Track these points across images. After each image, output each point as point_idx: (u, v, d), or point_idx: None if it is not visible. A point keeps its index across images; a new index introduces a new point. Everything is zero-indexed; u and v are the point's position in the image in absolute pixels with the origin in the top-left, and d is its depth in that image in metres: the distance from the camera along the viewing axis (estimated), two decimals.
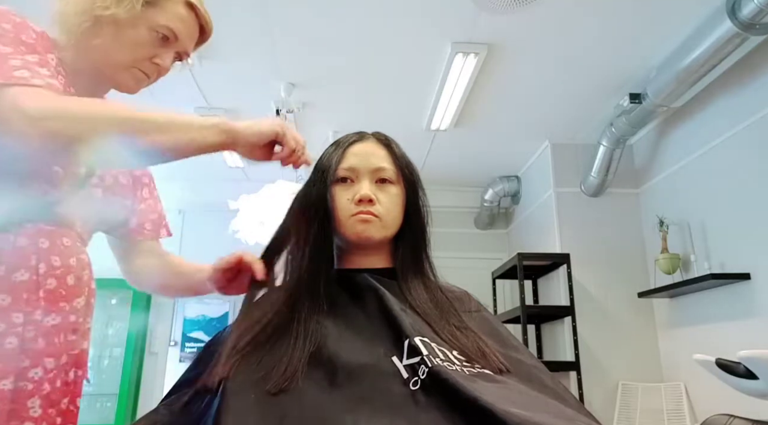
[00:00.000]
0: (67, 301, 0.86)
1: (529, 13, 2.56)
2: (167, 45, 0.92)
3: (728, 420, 1.23)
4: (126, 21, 0.87)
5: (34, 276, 0.81)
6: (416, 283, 0.86)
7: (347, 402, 0.64)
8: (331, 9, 2.58)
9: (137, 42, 0.89)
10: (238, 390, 0.66)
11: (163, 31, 0.90)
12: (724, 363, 1.95)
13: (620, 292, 3.61)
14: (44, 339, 0.81)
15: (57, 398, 0.83)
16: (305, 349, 0.72)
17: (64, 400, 0.85)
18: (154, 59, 0.91)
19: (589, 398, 3.36)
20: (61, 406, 0.84)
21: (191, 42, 0.96)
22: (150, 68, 0.92)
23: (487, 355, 0.73)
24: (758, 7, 2.20)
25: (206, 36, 0.99)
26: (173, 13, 0.90)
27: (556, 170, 3.92)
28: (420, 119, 3.65)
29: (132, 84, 0.93)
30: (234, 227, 2.90)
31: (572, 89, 3.28)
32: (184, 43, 0.94)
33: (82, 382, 0.91)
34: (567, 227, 3.79)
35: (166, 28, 0.90)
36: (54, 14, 0.89)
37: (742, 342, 2.66)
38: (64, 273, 0.86)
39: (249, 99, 3.41)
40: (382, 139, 0.94)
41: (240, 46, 2.82)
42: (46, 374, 0.81)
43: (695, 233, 3.13)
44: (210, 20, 0.97)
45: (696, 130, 3.18)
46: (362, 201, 0.85)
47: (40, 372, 0.80)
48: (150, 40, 0.90)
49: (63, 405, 0.85)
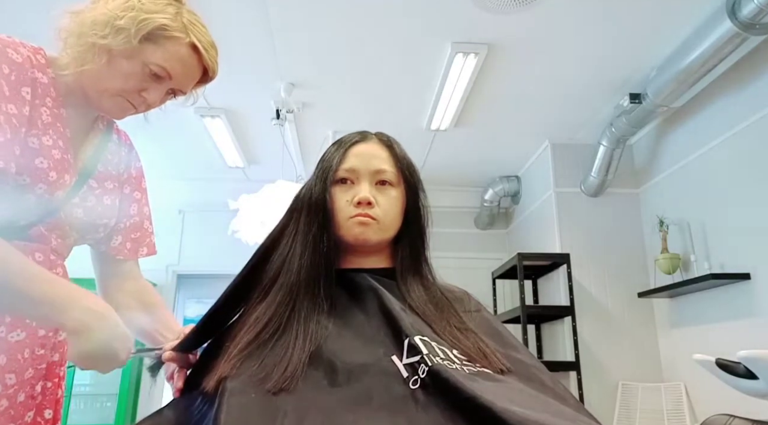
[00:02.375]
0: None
1: (529, 13, 2.56)
2: (159, 82, 0.91)
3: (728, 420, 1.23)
4: (121, 52, 0.87)
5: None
6: (415, 284, 0.86)
7: (347, 401, 0.64)
8: (332, 9, 2.58)
9: (128, 73, 0.88)
10: (238, 389, 0.66)
11: (156, 70, 0.89)
12: (724, 363, 1.95)
13: (620, 292, 3.61)
14: (5, 355, 0.81)
15: (19, 412, 0.83)
16: (305, 349, 0.72)
17: (28, 413, 0.84)
18: (142, 92, 0.91)
19: (589, 398, 3.36)
20: (26, 419, 0.84)
21: (189, 82, 0.95)
22: (137, 100, 0.92)
23: (488, 355, 0.73)
24: (758, 7, 2.21)
25: (209, 79, 0.98)
26: (172, 52, 0.89)
27: (556, 170, 3.92)
28: (420, 119, 3.65)
29: (116, 112, 0.93)
30: (234, 227, 2.91)
31: (572, 89, 3.28)
32: (179, 83, 0.93)
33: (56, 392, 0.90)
34: (567, 227, 3.79)
35: (159, 66, 0.89)
36: (58, 31, 0.89)
37: (742, 342, 2.66)
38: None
39: (249, 99, 3.41)
40: (384, 140, 0.94)
41: (240, 46, 2.82)
42: (5, 389, 0.81)
43: (695, 233, 3.13)
44: (214, 64, 0.96)
45: (696, 130, 3.18)
46: (361, 204, 0.85)
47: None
48: (141, 74, 0.89)
49: (28, 418, 0.84)
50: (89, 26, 0.86)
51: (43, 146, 0.85)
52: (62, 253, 0.94)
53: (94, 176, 0.96)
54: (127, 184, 1.06)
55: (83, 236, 0.97)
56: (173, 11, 0.90)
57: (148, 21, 0.86)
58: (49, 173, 0.85)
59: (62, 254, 0.94)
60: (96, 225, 0.97)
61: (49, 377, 0.89)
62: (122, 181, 1.04)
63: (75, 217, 0.92)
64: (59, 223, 0.90)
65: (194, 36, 0.91)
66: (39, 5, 0.89)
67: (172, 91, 0.96)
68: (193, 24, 0.92)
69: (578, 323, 3.45)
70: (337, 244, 0.87)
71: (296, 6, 2.56)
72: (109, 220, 1.00)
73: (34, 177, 0.83)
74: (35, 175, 0.83)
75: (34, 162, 0.83)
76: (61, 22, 0.88)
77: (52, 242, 0.90)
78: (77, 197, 0.92)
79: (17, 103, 0.80)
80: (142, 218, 1.08)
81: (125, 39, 0.85)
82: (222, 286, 0.88)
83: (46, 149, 0.85)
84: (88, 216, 0.94)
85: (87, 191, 0.94)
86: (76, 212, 0.92)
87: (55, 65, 0.89)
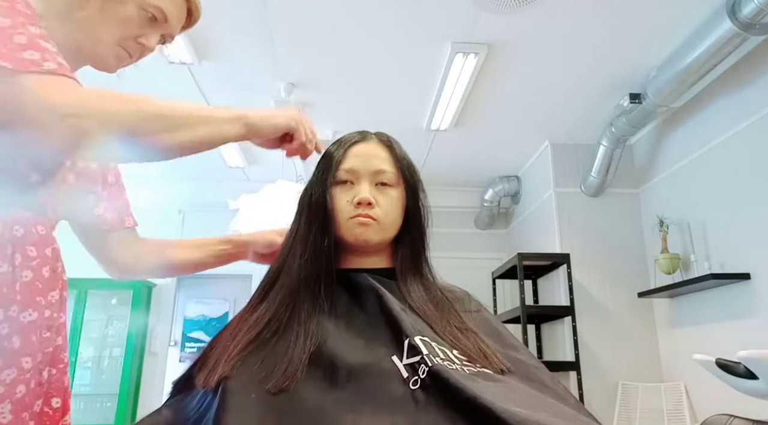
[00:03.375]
0: (42, 295, 0.79)
1: (529, 13, 2.56)
2: (155, 25, 0.88)
3: (728, 420, 1.23)
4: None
5: (11, 268, 0.75)
6: (415, 284, 0.86)
7: (347, 401, 0.65)
8: (331, 9, 2.58)
9: (125, 19, 0.84)
10: (238, 389, 0.66)
11: (153, 11, 0.86)
12: (724, 363, 1.95)
13: (620, 292, 3.61)
14: (20, 337, 0.74)
15: (30, 400, 0.77)
16: (306, 349, 0.72)
17: (37, 402, 0.79)
18: (139, 39, 0.87)
19: (589, 398, 3.36)
20: (35, 409, 0.78)
21: (178, 25, 0.92)
22: (134, 47, 0.88)
23: (488, 355, 0.73)
24: (758, 7, 2.21)
25: (193, 20, 0.95)
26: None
27: (556, 170, 3.92)
28: (420, 119, 3.65)
29: (113, 62, 0.88)
30: (234, 227, 2.90)
31: (572, 89, 3.28)
32: (172, 26, 0.90)
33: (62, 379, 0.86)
34: (567, 227, 3.80)
35: (157, 8, 0.86)
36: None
37: (742, 342, 2.66)
38: (39, 265, 0.79)
39: (249, 99, 3.41)
40: (384, 140, 0.94)
41: (240, 46, 2.82)
42: (23, 374, 0.74)
43: (695, 233, 3.13)
44: (200, 4, 0.94)
45: (696, 130, 3.18)
46: (361, 204, 0.85)
47: (14, 373, 0.73)
48: (138, 19, 0.85)
49: (36, 407, 0.79)
50: None
51: None
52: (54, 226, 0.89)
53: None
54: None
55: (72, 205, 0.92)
56: None
57: None
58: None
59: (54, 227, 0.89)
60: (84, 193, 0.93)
61: (54, 363, 0.84)
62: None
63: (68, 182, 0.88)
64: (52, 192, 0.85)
65: None
66: None
67: (163, 38, 0.92)
68: None
69: (578, 323, 3.45)
70: (338, 244, 0.87)
71: (296, 6, 2.56)
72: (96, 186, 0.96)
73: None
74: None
75: None
76: None
77: (48, 215, 0.85)
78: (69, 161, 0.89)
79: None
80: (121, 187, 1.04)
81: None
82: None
83: None
84: (79, 181, 0.90)
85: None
86: (69, 177, 0.89)
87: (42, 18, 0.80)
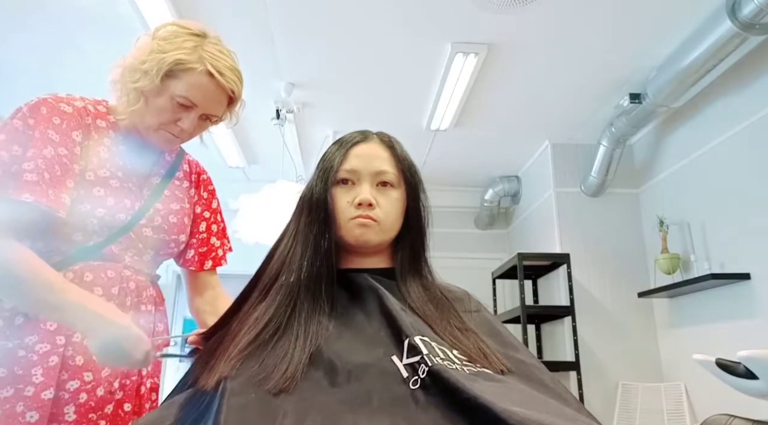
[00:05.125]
0: None
1: (529, 13, 2.56)
2: (187, 110, 1.04)
3: (728, 420, 1.23)
4: (151, 91, 1.01)
5: None
6: (415, 284, 0.86)
7: (347, 401, 0.64)
8: (331, 9, 2.58)
9: (160, 108, 1.03)
10: (238, 390, 0.66)
11: (180, 100, 1.02)
12: (724, 363, 1.95)
13: (620, 292, 3.61)
14: (83, 357, 0.95)
15: (99, 405, 0.97)
16: (306, 349, 0.72)
17: (108, 406, 0.98)
18: (177, 123, 1.04)
19: (589, 398, 3.36)
20: (105, 411, 0.98)
21: (217, 106, 1.07)
22: (176, 130, 1.05)
23: (488, 355, 0.73)
24: (758, 7, 2.21)
25: (234, 100, 1.11)
26: (192, 83, 1.01)
27: (556, 170, 3.92)
28: (420, 119, 3.65)
29: (163, 143, 1.08)
30: (234, 227, 2.90)
31: (572, 89, 3.28)
32: (206, 108, 1.05)
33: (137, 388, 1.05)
34: (567, 227, 3.79)
35: (183, 97, 1.01)
36: (111, 82, 1.06)
37: (742, 342, 2.66)
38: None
39: (249, 99, 3.39)
40: (385, 140, 0.93)
41: (240, 46, 2.82)
42: (84, 385, 0.95)
43: (695, 233, 3.13)
44: (234, 85, 1.06)
45: (696, 130, 3.18)
46: (362, 205, 0.85)
47: (77, 383, 0.94)
48: (170, 107, 1.02)
49: (108, 410, 0.98)
50: (127, 74, 1.02)
51: (98, 178, 1.00)
52: (141, 268, 1.08)
53: (160, 200, 1.11)
54: (198, 205, 1.22)
55: (158, 252, 1.11)
56: (191, 45, 1.02)
57: (165, 59, 1.00)
58: (106, 199, 1.00)
59: (141, 269, 1.08)
60: (166, 241, 1.11)
61: (128, 375, 1.03)
62: (192, 203, 1.21)
63: (145, 235, 1.07)
64: (130, 242, 1.04)
65: (209, 64, 1.02)
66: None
67: (207, 117, 1.08)
68: (211, 53, 1.03)
69: (578, 323, 3.45)
70: (338, 244, 0.87)
71: (296, 6, 2.56)
72: (177, 236, 1.14)
73: (94, 204, 0.98)
74: (94, 202, 0.98)
75: (92, 191, 0.98)
76: (112, 75, 1.05)
77: (126, 260, 1.04)
78: (144, 219, 1.06)
79: (68, 145, 0.96)
80: (210, 234, 1.24)
81: (150, 80, 1.00)
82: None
83: (103, 180, 1.01)
84: (156, 233, 1.09)
85: (153, 213, 1.08)
86: (145, 231, 1.07)
87: (115, 112, 1.08)
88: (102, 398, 0.97)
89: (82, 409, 0.94)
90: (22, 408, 0.88)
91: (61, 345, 0.94)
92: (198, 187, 1.23)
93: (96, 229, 0.99)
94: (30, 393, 0.89)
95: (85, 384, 0.95)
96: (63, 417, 0.92)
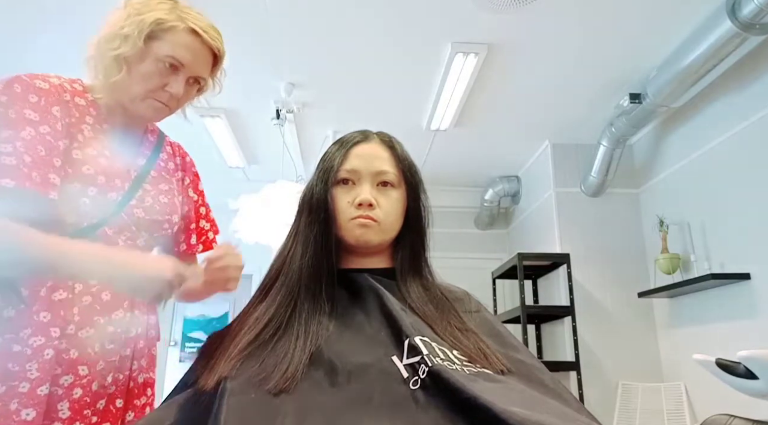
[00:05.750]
0: (100, 315, 0.96)
1: (529, 13, 2.56)
2: (175, 72, 1.00)
3: (728, 420, 1.23)
4: (134, 57, 0.97)
5: (70, 295, 0.93)
6: (415, 284, 0.86)
7: (347, 401, 0.64)
8: (331, 9, 2.58)
9: (146, 74, 0.98)
10: (238, 390, 0.66)
11: (168, 61, 0.98)
12: (724, 363, 1.95)
13: (620, 292, 3.61)
14: (77, 350, 0.92)
15: (93, 400, 0.94)
16: (306, 349, 0.72)
17: (100, 401, 0.95)
18: (165, 88, 1.00)
19: (589, 398, 3.36)
20: (98, 407, 0.95)
21: (203, 66, 1.03)
22: (164, 96, 1.01)
23: (488, 356, 0.73)
24: (758, 7, 2.21)
25: (220, 59, 1.06)
26: (176, 42, 0.98)
27: (556, 170, 3.92)
28: (420, 119, 3.65)
29: (152, 113, 1.03)
30: (234, 227, 2.90)
31: (572, 89, 3.28)
32: (193, 69, 1.01)
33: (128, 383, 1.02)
34: (567, 227, 3.80)
35: (170, 57, 0.97)
36: (86, 60, 1.00)
37: (742, 342, 2.66)
38: (99, 291, 0.97)
39: (249, 99, 3.41)
40: (386, 140, 0.93)
41: (240, 46, 2.82)
42: (79, 380, 0.92)
43: (695, 233, 3.13)
44: (219, 44, 1.03)
45: (696, 130, 3.18)
46: (362, 205, 0.85)
47: (71, 378, 0.91)
48: (157, 70, 0.98)
49: (99, 406, 0.95)
50: (103, 44, 0.97)
51: (87, 156, 0.95)
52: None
53: (147, 180, 1.06)
54: (188, 187, 1.19)
55: (152, 234, 1.07)
56: (167, 7, 0.99)
57: (145, 20, 0.96)
58: (97, 177, 0.95)
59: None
60: (159, 222, 1.07)
61: (121, 369, 1.00)
62: (180, 185, 1.16)
63: (137, 217, 1.02)
64: (123, 224, 1.00)
65: (191, 22, 0.99)
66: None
67: (194, 81, 1.04)
68: (188, 13, 1.00)
69: (578, 323, 3.45)
70: (338, 244, 0.87)
71: (296, 6, 2.56)
72: (170, 216, 1.09)
73: (84, 182, 0.93)
74: (84, 180, 0.93)
75: (81, 170, 0.93)
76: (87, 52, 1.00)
77: (119, 244, 1.00)
78: (134, 200, 1.02)
79: (49, 122, 0.90)
80: (199, 217, 1.21)
81: (132, 43, 0.95)
82: None
83: (91, 158, 0.96)
84: (148, 214, 1.04)
85: (143, 194, 1.04)
86: (137, 212, 1.02)
87: (93, 90, 1.02)
88: (96, 393, 0.95)
89: (76, 405, 0.91)
90: (16, 406, 0.85)
91: (56, 337, 0.90)
92: (184, 169, 1.20)
93: (89, 209, 0.95)
94: (25, 389, 0.86)
95: (80, 379, 0.92)
96: (57, 414, 0.89)
